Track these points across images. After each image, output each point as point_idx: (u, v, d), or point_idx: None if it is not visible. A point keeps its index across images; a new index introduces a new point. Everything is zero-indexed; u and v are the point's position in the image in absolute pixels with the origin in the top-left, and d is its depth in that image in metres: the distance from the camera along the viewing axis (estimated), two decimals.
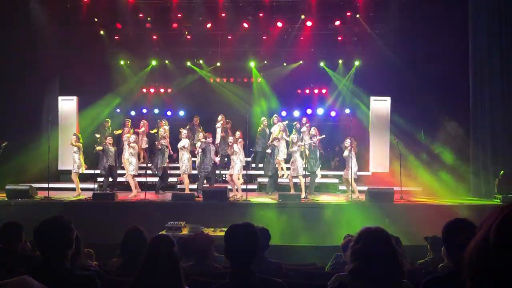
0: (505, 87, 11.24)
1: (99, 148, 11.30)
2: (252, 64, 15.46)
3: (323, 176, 12.81)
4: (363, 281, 2.10)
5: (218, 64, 15.57)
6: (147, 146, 13.47)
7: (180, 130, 11.86)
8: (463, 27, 11.50)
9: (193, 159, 11.70)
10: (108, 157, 11.26)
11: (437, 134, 11.60)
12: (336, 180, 12.61)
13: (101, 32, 14.60)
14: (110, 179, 11.59)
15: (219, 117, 13.29)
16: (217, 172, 12.39)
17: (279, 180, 11.99)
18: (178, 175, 11.85)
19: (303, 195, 10.45)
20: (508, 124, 11.19)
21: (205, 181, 11.67)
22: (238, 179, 11.01)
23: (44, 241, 2.51)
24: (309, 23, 14.12)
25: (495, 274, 0.87)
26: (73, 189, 11.30)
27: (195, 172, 11.80)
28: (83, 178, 12.21)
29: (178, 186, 12.05)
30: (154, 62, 15.75)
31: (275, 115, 13.10)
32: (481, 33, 11.34)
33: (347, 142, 10.77)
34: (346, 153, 10.80)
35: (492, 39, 11.26)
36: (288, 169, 11.58)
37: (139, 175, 11.62)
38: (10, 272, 2.41)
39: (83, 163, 11.06)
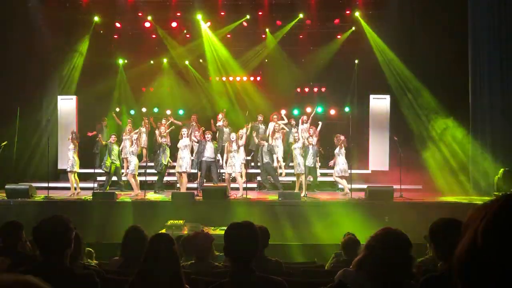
0: (504, 84, 11.24)
1: (103, 142, 11.32)
2: (251, 63, 15.48)
3: (322, 174, 12.82)
4: (375, 282, 2.09)
5: (218, 62, 15.55)
6: (146, 145, 13.44)
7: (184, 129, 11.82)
8: (463, 24, 11.49)
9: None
10: (111, 155, 11.23)
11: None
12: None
13: (100, 31, 14.59)
14: (114, 178, 11.58)
15: (220, 115, 13.27)
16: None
17: (280, 178, 11.97)
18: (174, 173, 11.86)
19: (303, 193, 10.46)
20: (508, 122, 11.19)
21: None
22: (241, 176, 10.96)
23: (43, 241, 2.51)
24: (308, 22, 14.13)
25: (485, 276, 0.87)
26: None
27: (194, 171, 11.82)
28: (83, 177, 12.21)
29: (178, 185, 12.03)
30: (153, 61, 15.78)
31: (275, 113, 13.10)
32: (481, 30, 11.34)
33: (338, 138, 10.85)
34: (336, 150, 10.84)
35: (492, 36, 11.25)
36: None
37: (139, 174, 11.62)
38: (10, 272, 2.41)
39: (78, 162, 10.96)
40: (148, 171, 11.35)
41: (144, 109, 15.94)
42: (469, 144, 11.45)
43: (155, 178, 11.80)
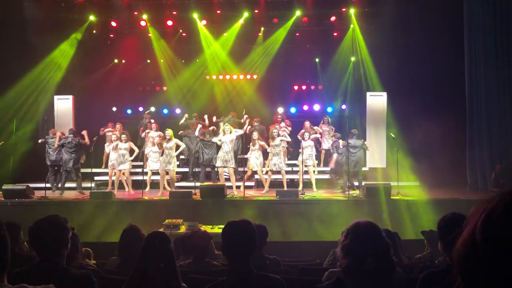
0: (500, 81, 11.28)
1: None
2: (248, 61, 15.48)
3: (320, 172, 12.81)
4: (355, 276, 2.10)
5: (215, 61, 15.55)
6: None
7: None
8: (459, 21, 11.52)
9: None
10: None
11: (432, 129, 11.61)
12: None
13: (95, 31, 14.55)
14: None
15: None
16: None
17: (276, 176, 11.97)
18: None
19: (301, 191, 10.49)
20: (504, 118, 11.23)
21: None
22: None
23: (38, 241, 2.50)
24: (304, 19, 14.13)
25: (484, 271, 0.87)
26: (71, 188, 11.35)
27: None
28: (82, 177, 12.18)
29: (176, 184, 12.03)
30: (149, 60, 15.75)
31: (279, 114, 13.13)
32: (476, 27, 11.37)
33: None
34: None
35: (488, 32, 11.28)
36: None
37: (136, 174, 11.65)
38: (9, 273, 2.40)
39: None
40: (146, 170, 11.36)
41: (140, 108, 15.92)
42: (465, 140, 11.50)
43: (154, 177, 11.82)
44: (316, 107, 15.69)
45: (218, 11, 14.11)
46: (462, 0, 11.41)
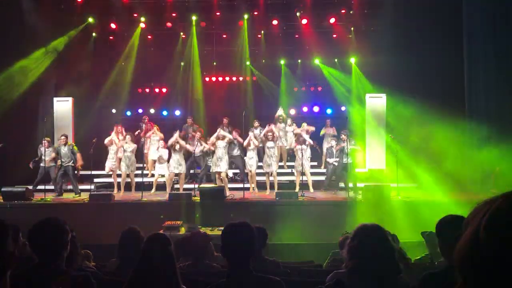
0: (500, 81, 11.28)
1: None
2: (247, 63, 15.48)
3: (319, 173, 12.81)
4: (361, 278, 2.10)
5: (214, 63, 15.57)
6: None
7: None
8: (458, 22, 11.53)
9: None
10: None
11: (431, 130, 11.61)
12: (332, 177, 12.59)
13: (94, 34, 14.55)
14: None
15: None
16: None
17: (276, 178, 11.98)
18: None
19: (300, 193, 10.49)
20: (504, 120, 11.22)
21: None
22: (226, 176, 11.25)
23: (38, 243, 2.50)
24: (304, 21, 14.14)
25: (487, 271, 0.87)
26: (70, 190, 11.34)
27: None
28: (80, 179, 12.18)
29: (175, 186, 12.01)
30: (149, 62, 15.75)
31: (280, 115, 13.13)
32: (475, 28, 11.39)
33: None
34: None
35: (486, 32, 11.29)
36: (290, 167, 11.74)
37: (136, 176, 11.66)
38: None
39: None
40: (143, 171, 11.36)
41: (140, 110, 15.92)
42: (464, 142, 11.49)
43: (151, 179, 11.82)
44: (316, 109, 15.69)
45: (218, 13, 14.11)
46: (461, 1, 11.43)
